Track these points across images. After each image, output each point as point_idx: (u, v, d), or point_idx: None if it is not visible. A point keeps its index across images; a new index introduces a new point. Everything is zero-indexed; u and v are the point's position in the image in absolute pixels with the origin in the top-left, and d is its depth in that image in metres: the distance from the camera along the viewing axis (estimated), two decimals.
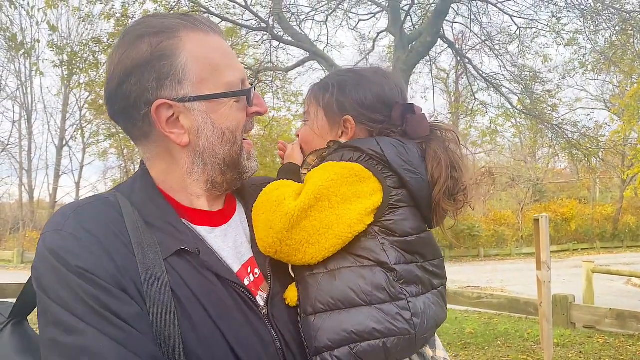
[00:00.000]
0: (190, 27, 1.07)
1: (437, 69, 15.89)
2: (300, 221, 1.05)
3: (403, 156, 1.14)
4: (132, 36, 1.04)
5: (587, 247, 28.02)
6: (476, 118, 15.19)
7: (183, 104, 1.04)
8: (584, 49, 12.71)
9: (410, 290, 1.08)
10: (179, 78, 1.03)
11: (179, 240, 1.01)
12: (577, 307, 7.91)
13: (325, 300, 1.05)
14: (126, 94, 1.03)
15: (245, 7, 10.85)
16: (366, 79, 1.31)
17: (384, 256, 1.07)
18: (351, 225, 1.06)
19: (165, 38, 1.03)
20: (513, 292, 12.98)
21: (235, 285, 1.02)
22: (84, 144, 28.20)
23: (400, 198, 1.13)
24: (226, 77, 1.08)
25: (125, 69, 1.02)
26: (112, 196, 1.06)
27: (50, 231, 0.95)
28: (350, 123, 1.26)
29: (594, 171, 17.17)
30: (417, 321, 1.05)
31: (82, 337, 0.84)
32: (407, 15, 11.41)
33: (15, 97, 29.08)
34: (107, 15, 10.56)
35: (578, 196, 33.31)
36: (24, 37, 9.75)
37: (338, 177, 1.09)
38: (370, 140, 1.17)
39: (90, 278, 0.88)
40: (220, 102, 1.08)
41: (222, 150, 1.09)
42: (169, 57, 1.02)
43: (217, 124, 1.08)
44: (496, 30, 13.04)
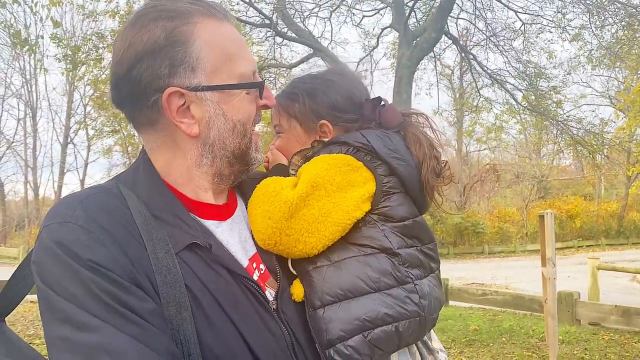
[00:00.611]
0: (205, 13, 1.03)
1: (441, 65, 15.85)
2: (299, 210, 1.06)
3: (389, 145, 1.18)
4: (145, 19, 0.99)
5: (592, 244, 27.91)
6: (481, 114, 15.11)
7: (195, 93, 1.00)
8: (590, 44, 12.63)
9: (415, 273, 1.11)
10: (193, 66, 0.99)
11: (189, 234, 0.98)
12: (582, 304, 7.88)
13: (333, 292, 1.06)
14: (136, 79, 0.98)
15: (249, 4, 10.84)
16: (333, 83, 1.34)
17: (386, 242, 1.10)
18: (349, 212, 1.08)
19: (181, 23, 0.99)
20: (517, 289, 12.95)
21: (246, 280, 1.00)
22: (88, 141, 28.29)
23: (392, 185, 1.16)
24: (239, 67, 1.05)
25: (136, 53, 0.98)
26: (114, 187, 1.01)
27: (56, 223, 0.89)
28: (327, 127, 1.30)
29: (599, 168, 17.07)
30: (425, 303, 1.08)
31: (97, 334, 0.80)
32: (411, 11, 11.38)
33: (20, 95, 29.23)
34: (112, 13, 10.57)
35: (583, 193, 33.19)
36: (28, 34, 9.75)
37: (331, 166, 1.12)
38: (356, 134, 1.21)
39: (104, 273, 0.85)
40: (233, 94, 1.05)
41: (232, 143, 1.06)
42: (183, 44, 0.98)
43: (229, 116, 1.05)
44: (501, 26, 13.00)
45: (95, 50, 10.53)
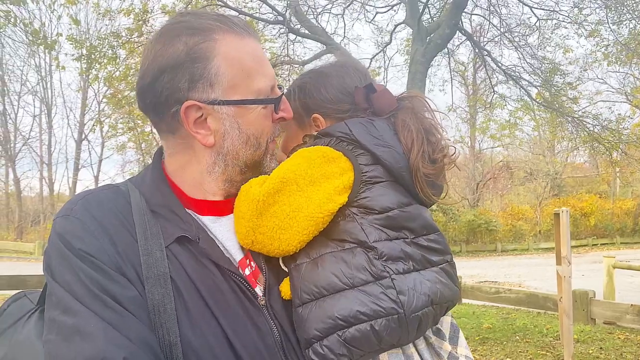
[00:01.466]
0: (225, 30, 1.08)
1: (455, 61, 15.74)
2: (269, 207, 1.05)
3: (373, 132, 1.14)
4: (169, 35, 1.06)
5: (606, 242, 27.63)
6: (495, 111, 15.00)
7: (212, 107, 1.06)
8: (606, 40, 12.45)
9: (396, 267, 1.04)
10: (211, 81, 1.05)
11: (180, 228, 1.04)
12: (597, 303, 7.81)
13: (309, 290, 1.03)
14: (158, 91, 1.06)
15: (262, 1, 10.85)
16: (324, 75, 1.33)
17: (362, 235, 1.05)
18: (321, 205, 1.05)
19: (201, 40, 1.05)
20: (531, 287, 12.87)
21: (234, 275, 1.03)
22: (102, 138, 28.56)
23: (374, 174, 1.11)
24: (257, 83, 1.10)
25: (159, 67, 1.04)
26: (123, 185, 1.11)
27: (60, 217, 1.00)
28: (319, 120, 1.29)
29: (616, 165, 16.86)
30: (404, 299, 1.00)
31: (76, 317, 0.87)
32: (425, 7, 11.29)
33: (35, 92, 29.59)
34: (126, 11, 10.64)
35: (597, 190, 32.83)
36: (44, 32, 9.86)
37: (305, 160, 1.10)
38: (340, 124, 1.18)
39: (91, 261, 0.93)
40: (249, 108, 1.09)
41: (245, 154, 1.11)
42: (202, 60, 1.04)
43: (243, 129, 1.10)
44: (515, 21, 12.84)
45: (111, 49, 10.61)
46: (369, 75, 1.36)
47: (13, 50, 23.08)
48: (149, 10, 10.74)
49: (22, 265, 17.46)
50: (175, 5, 11.08)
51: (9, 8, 8.13)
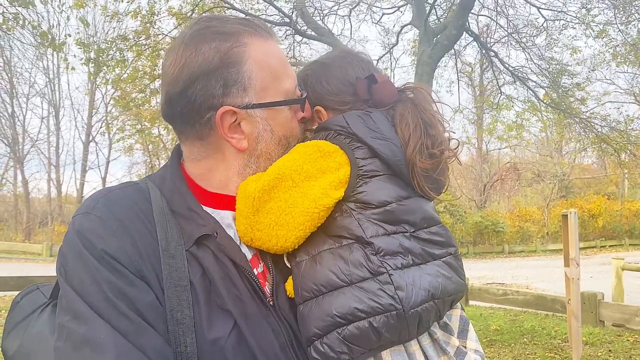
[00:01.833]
0: (252, 33, 1.09)
1: (462, 62, 15.70)
2: (265, 203, 1.04)
3: (370, 125, 1.12)
4: (198, 40, 1.05)
5: (615, 243, 27.45)
6: (502, 112, 14.91)
7: (246, 111, 1.07)
8: (615, 40, 12.37)
9: (394, 262, 1.01)
10: (245, 85, 1.06)
11: (199, 225, 1.03)
12: (606, 305, 7.76)
13: (309, 287, 1.03)
14: (191, 99, 1.04)
15: (269, 2, 10.87)
16: (326, 66, 1.30)
17: (359, 231, 1.03)
18: (316, 200, 1.03)
19: (233, 45, 1.05)
20: (538, 289, 12.80)
21: (248, 272, 1.03)
22: (109, 140, 28.70)
23: (371, 168, 1.09)
24: (285, 84, 1.12)
25: (191, 74, 1.03)
26: (143, 183, 1.09)
27: (81, 214, 0.97)
28: (321, 113, 1.27)
29: (624, 166, 16.74)
30: (402, 294, 0.98)
31: (86, 325, 0.85)
32: (431, 8, 11.28)
33: (43, 94, 29.80)
34: (134, 13, 10.69)
35: (605, 192, 32.62)
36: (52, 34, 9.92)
37: (300, 155, 1.09)
38: (337, 117, 1.16)
39: (110, 262, 0.90)
40: (279, 109, 1.11)
41: (277, 155, 1.13)
42: (236, 65, 1.05)
43: (276, 131, 1.11)
44: (523, 22, 12.80)
45: (119, 52, 10.67)
46: (372, 65, 1.33)
47: (21, 52, 23.28)
48: (156, 13, 10.78)
49: (31, 267, 17.56)
50: (181, 8, 11.13)
51: (17, 10, 8.19)
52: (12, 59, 26.95)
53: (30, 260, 20.76)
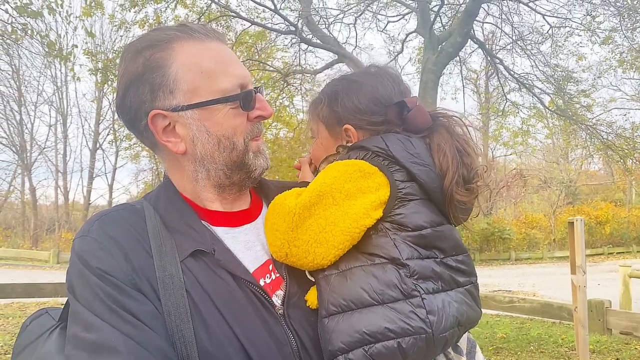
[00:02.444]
0: (184, 38, 1.09)
1: (467, 69, 15.71)
2: (305, 220, 1.05)
3: (409, 149, 1.13)
4: (131, 51, 1.09)
5: (622, 250, 27.19)
6: (507, 119, 14.89)
7: (177, 113, 1.07)
8: (621, 47, 12.35)
9: (426, 286, 1.03)
10: (171, 88, 1.06)
11: (195, 241, 1.05)
12: (613, 313, 7.69)
13: (337, 302, 1.03)
14: (128, 107, 1.09)
15: (275, 11, 10.93)
16: (357, 84, 1.29)
17: (395, 252, 1.04)
18: (357, 220, 1.04)
19: (157, 50, 1.07)
20: (545, 296, 12.71)
21: (250, 284, 1.04)
22: (116, 147, 28.85)
23: (409, 191, 1.10)
24: (220, 83, 1.08)
25: (125, 84, 1.08)
26: (138, 204, 1.13)
27: (79, 237, 1.03)
28: (351, 131, 1.26)
29: (631, 173, 16.65)
30: (433, 319, 1.00)
31: (98, 333, 0.90)
32: (436, 16, 11.31)
33: (51, 102, 30.05)
34: (141, 22, 10.80)
35: (613, 198, 32.39)
36: (61, 44, 10.04)
37: (341, 173, 1.09)
38: (376, 138, 1.16)
39: (108, 278, 0.95)
40: (214, 109, 1.08)
41: (220, 157, 1.10)
42: (160, 68, 1.06)
43: (212, 131, 1.09)
44: (528, 29, 12.80)
45: None
46: (402, 83, 1.32)
47: (30, 61, 23.51)
48: (163, 22, 10.88)
49: (38, 274, 17.63)
50: (188, 16, 11.22)
51: (26, 21, 8.29)
52: (20, 67, 27.24)
53: (37, 267, 20.82)
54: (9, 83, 27.63)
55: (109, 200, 30.45)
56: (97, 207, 31.80)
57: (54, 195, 31.22)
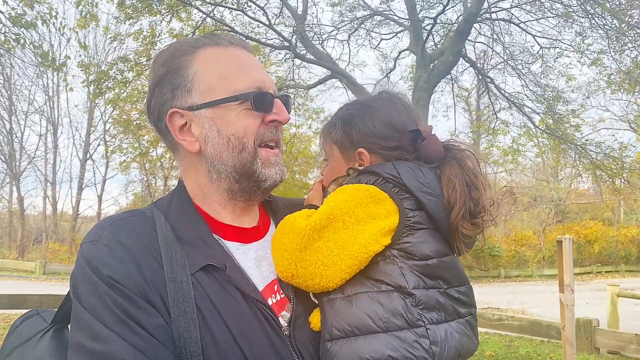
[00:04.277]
0: (208, 44, 1.13)
1: (458, 87, 15.87)
2: (314, 242, 1.05)
3: (420, 179, 1.13)
4: (158, 58, 1.14)
5: (611, 269, 27.32)
6: (498, 137, 15.03)
7: (193, 112, 1.09)
8: (609, 68, 12.56)
9: (431, 316, 1.04)
10: (188, 87, 1.09)
11: (207, 255, 1.03)
12: (601, 332, 7.71)
13: (341, 327, 1.03)
14: (152, 109, 1.13)
15: (269, 27, 11.02)
16: (372, 109, 1.30)
17: (402, 280, 1.04)
18: (366, 245, 1.04)
19: (181, 54, 1.11)
20: (534, 314, 12.72)
21: (259, 303, 1.03)
22: (106, 158, 28.71)
23: (418, 220, 1.10)
24: (235, 84, 1.09)
25: (151, 87, 1.13)
26: (148, 211, 1.11)
27: (88, 242, 1.00)
28: (364, 155, 1.27)
29: (619, 192, 16.81)
30: (436, 349, 1.00)
31: (105, 344, 0.88)
32: (429, 34, 11.46)
33: (42, 111, 29.87)
34: (135, 35, 10.83)
35: (602, 217, 32.61)
36: (54, 54, 10.03)
37: (352, 198, 1.09)
38: (387, 165, 1.17)
39: (119, 288, 0.93)
40: (227, 108, 1.09)
41: (229, 157, 1.10)
42: (181, 69, 1.10)
43: (223, 130, 1.09)
44: (519, 49, 13.01)
45: (120, 73, 10.77)
46: (414, 111, 1.33)
47: (22, 70, 23.40)
48: (157, 34, 10.92)
49: (23, 284, 17.38)
50: (182, 30, 11.27)
51: (19, 31, 8.29)
52: (12, 77, 27.12)
53: (23, 277, 20.53)
54: (0, 92, 27.50)
55: (98, 210, 30.20)
56: (86, 218, 31.53)
57: (42, 205, 30.93)
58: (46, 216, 30.48)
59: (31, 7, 8.17)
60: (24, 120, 29.77)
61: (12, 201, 30.45)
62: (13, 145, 29.23)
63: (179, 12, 10.92)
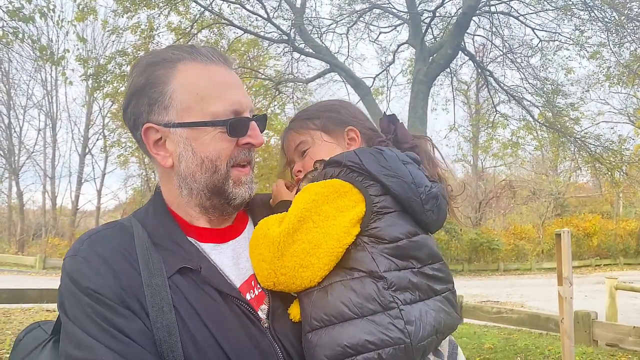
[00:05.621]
0: (189, 59, 1.13)
1: (457, 81, 15.84)
2: (289, 247, 1.07)
3: (382, 163, 1.15)
4: (140, 65, 1.15)
5: (609, 262, 27.44)
6: (497, 130, 15.02)
7: (168, 129, 1.11)
8: (608, 61, 12.54)
9: (404, 297, 1.06)
10: (165, 104, 1.10)
11: (182, 258, 1.07)
12: (599, 325, 7.74)
13: (319, 317, 1.06)
14: (129, 117, 1.15)
15: (268, 20, 10.99)
16: (346, 102, 1.46)
17: (372, 265, 1.07)
18: (339, 239, 1.08)
19: (161, 67, 1.12)
20: (533, 307, 12.77)
21: (236, 299, 1.06)
22: (106, 153, 28.69)
23: (384, 204, 1.13)
24: (212, 107, 1.10)
25: (129, 94, 1.14)
26: (127, 221, 1.15)
27: (69, 256, 1.06)
28: (354, 132, 1.33)
29: (618, 185, 16.84)
30: (411, 329, 1.03)
31: (89, 352, 0.93)
32: (428, 27, 11.42)
33: (41, 106, 29.81)
34: (133, 28, 10.79)
35: (600, 211, 32.69)
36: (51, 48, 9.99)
37: (319, 196, 1.11)
38: (350, 153, 1.19)
39: (98, 297, 0.98)
40: (202, 131, 1.11)
41: (202, 177, 1.13)
42: (159, 84, 1.11)
43: (197, 152, 1.11)
44: (518, 42, 12.98)
45: (119, 67, 10.75)
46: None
47: (20, 64, 23.36)
48: (155, 28, 10.88)
49: (23, 279, 17.41)
50: (180, 23, 11.23)
51: (17, 25, 8.26)
52: (10, 71, 27.05)
53: (22, 272, 20.56)
54: None
55: (98, 205, 30.25)
56: (85, 213, 31.58)
57: (42, 200, 30.95)
58: (46, 211, 30.49)
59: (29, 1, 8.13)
60: (23, 115, 29.75)
61: (12, 196, 30.47)
62: (12, 140, 29.21)
63: (177, 6, 10.89)
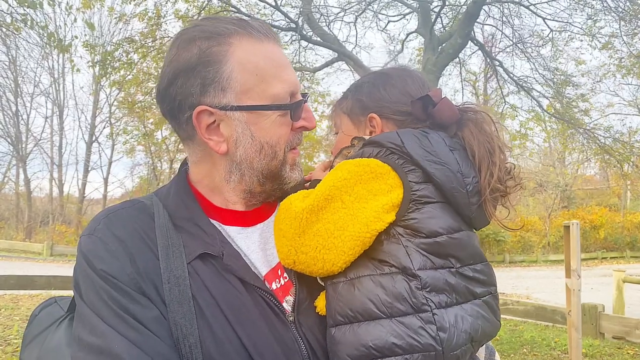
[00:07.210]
0: (242, 34, 1.04)
1: (466, 71, 15.71)
2: (312, 225, 1.00)
3: (426, 147, 1.05)
4: (185, 38, 1.04)
5: (616, 255, 27.34)
6: (506, 121, 14.92)
7: (224, 112, 1.03)
8: (620, 52, 12.38)
9: (439, 300, 0.97)
10: (223, 86, 1.02)
11: (204, 242, 1.01)
12: (606, 317, 7.72)
13: (344, 312, 0.98)
14: (172, 96, 1.04)
15: (275, 7, 10.90)
16: (386, 75, 1.27)
17: (406, 260, 0.97)
18: (368, 224, 0.98)
19: (215, 44, 1.02)
20: (539, 299, 12.76)
21: (259, 289, 1.00)
22: (112, 140, 28.77)
23: (425, 193, 1.02)
24: (272, 88, 1.04)
25: (174, 71, 1.03)
26: (148, 199, 1.09)
27: (85, 235, 1.00)
28: (375, 120, 1.22)
29: (627, 177, 16.71)
30: (443, 336, 0.93)
31: (102, 338, 0.89)
32: (437, 16, 11.29)
33: (48, 94, 29.91)
34: (140, 15, 10.74)
35: (608, 203, 32.52)
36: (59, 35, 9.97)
37: (352, 175, 1.02)
38: (392, 134, 1.09)
39: (113, 282, 0.93)
40: (262, 114, 1.05)
41: (260, 163, 1.07)
42: (215, 64, 1.01)
43: (257, 136, 1.05)
44: (528, 32, 12.81)
45: (126, 55, 10.71)
46: (427, 83, 1.29)
47: (27, 52, 23.39)
48: (163, 15, 10.82)
49: (31, 266, 17.56)
50: (188, 11, 11.17)
51: (25, 11, 8.23)
52: (17, 58, 27.09)
53: (30, 259, 20.74)
54: (6, 74, 27.53)
55: (104, 193, 30.37)
56: (92, 200, 31.72)
57: (49, 187, 31.13)
58: (53, 198, 30.67)
59: None
60: (30, 103, 29.89)
61: (19, 183, 30.68)
62: (19, 127, 29.34)
63: None
